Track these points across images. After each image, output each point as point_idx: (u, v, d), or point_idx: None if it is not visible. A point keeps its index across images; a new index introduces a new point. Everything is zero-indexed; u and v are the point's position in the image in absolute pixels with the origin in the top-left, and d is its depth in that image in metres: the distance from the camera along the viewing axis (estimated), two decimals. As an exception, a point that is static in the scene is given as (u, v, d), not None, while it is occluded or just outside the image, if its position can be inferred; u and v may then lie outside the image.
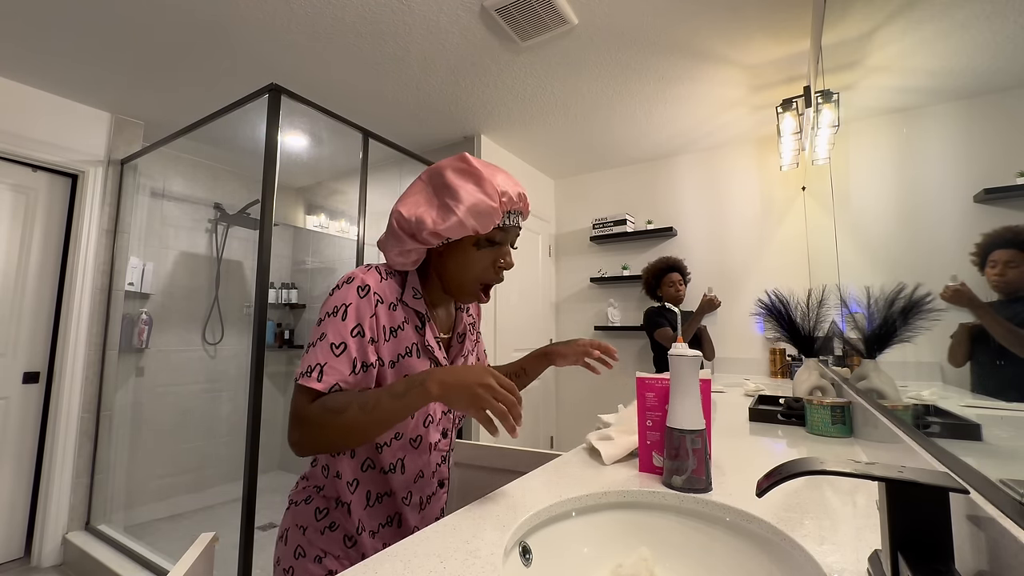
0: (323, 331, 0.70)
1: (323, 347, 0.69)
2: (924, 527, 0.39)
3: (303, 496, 0.80)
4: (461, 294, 0.81)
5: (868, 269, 1.15)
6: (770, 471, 0.44)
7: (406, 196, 0.79)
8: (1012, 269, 0.48)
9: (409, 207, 0.76)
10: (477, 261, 0.78)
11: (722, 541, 0.67)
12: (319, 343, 0.69)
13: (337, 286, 0.73)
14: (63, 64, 2.19)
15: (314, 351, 0.69)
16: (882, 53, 0.99)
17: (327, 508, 0.77)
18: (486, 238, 0.77)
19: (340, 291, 0.72)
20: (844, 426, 1.14)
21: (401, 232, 0.76)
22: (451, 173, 0.76)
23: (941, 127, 0.68)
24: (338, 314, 0.70)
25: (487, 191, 0.74)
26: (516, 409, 0.63)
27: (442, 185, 0.75)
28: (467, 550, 0.56)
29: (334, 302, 0.71)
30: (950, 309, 0.61)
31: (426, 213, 0.74)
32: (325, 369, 0.67)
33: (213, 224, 3.31)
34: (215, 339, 3.26)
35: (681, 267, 2.79)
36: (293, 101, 1.98)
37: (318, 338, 0.69)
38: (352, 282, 0.73)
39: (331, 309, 0.71)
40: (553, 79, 2.36)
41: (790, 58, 2.15)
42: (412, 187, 0.80)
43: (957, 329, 0.61)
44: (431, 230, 0.73)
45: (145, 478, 2.82)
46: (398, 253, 0.78)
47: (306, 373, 0.67)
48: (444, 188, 0.75)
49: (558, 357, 0.96)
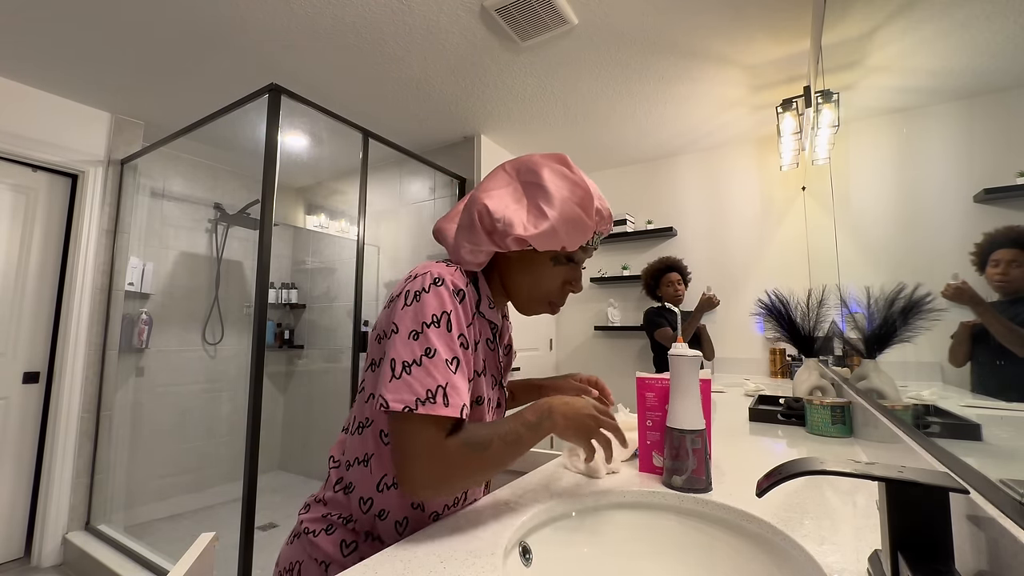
0: (429, 345, 0.58)
1: (438, 364, 0.57)
2: (924, 527, 0.39)
3: (323, 526, 0.67)
4: (528, 306, 0.74)
5: (868, 269, 1.15)
6: (770, 471, 0.44)
7: (489, 187, 0.69)
8: (1016, 269, 0.48)
9: (496, 202, 0.67)
10: (552, 277, 0.71)
11: (722, 541, 0.67)
12: (429, 360, 0.57)
13: (422, 288, 0.62)
14: (63, 64, 2.19)
15: (427, 371, 0.57)
16: (882, 53, 0.99)
17: (355, 541, 0.66)
18: (566, 255, 0.69)
19: (431, 295, 0.61)
20: (844, 426, 1.14)
21: (481, 228, 0.66)
22: (549, 174, 0.67)
23: (941, 127, 0.68)
24: (441, 324, 0.59)
25: (585, 205, 0.66)
26: (620, 434, 0.68)
27: (535, 185, 0.67)
28: (467, 550, 0.56)
29: (431, 309, 0.60)
30: (951, 309, 0.61)
31: (515, 214, 0.66)
32: (449, 391, 0.56)
33: (213, 224, 3.31)
34: (215, 339, 3.26)
35: (680, 267, 2.79)
36: (293, 101, 1.98)
37: (424, 353, 0.57)
38: (442, 284, 0.62)
39: (429, 318, 0.59)
40: (553, 79, 2.36)
41: (790, 58, 2.15)
42: (495, 178, 0.71)
43: (958, 328, 0.61)
44: (518, 235, 0.64)
45: (145, 478, 2.82)
46: (470, 251, 0.68)
47: (428, 399, 0.55)
48: (538, 189, 0.67)
49: (552, 391, 0.90)
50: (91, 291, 2.52)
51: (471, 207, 0.68)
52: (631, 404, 1.07)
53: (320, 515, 0.68)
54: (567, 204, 0.65)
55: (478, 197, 0.68)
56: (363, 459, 0.67)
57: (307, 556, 0.66)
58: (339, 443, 0.72)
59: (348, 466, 0.68)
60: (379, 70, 2.26)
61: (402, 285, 0.64)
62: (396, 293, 0.64)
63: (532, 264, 0.70)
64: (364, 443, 0.67)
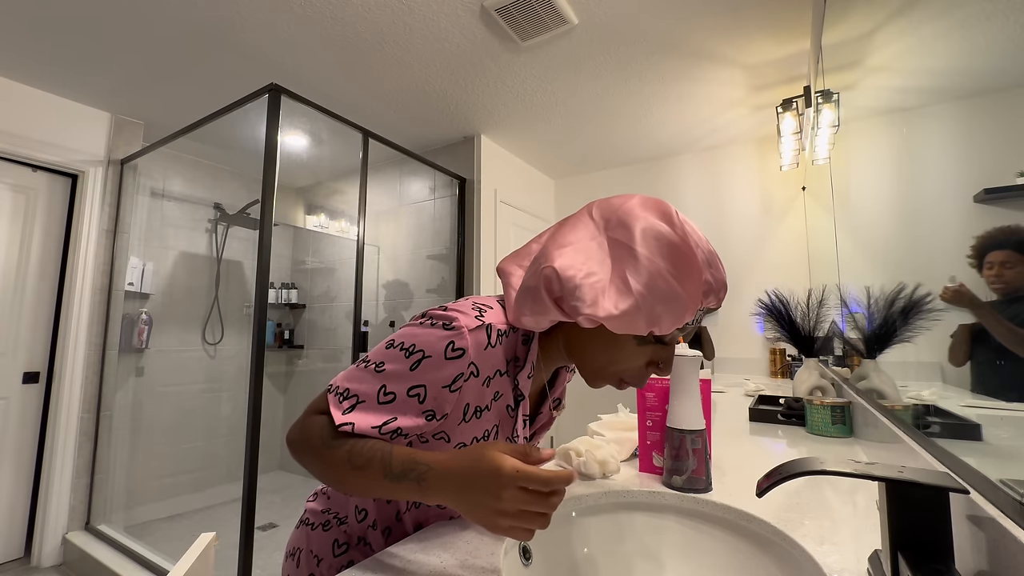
0: (384, 360, 0.54)
1: (374, 381, 0.53)
2: (924, 527, 0.39)
3: (321, 520, 0.69)
4: (596, 381, 0.61)
5: (868, 269, 1.15)
6: (770, 471, 0.44)
7: (566, 240, 0.56)
8: (1008, 269, 0.48)
9: (570, 261, 0.53)
10: (632, 357, 0.57)
11: (722, 541, 0.67)
12: (374, 372, 0.54)
13: (431, 317, 0.56)
14: (63, 64, 2.19)
15: (366, 376, 0.54)
16: (882, 53, 0.99)
17: (347, 543, 0.67)
18: (654, 336, 0.56)
19: (426, 330, 0.55)
20: (844, 426, 1.14)
21: (546, 295, 0.53)
22: (643, 234, 0.53)
23: (941, 127, 0.68)
24: (411, 357, 0.53)
25: (689, 287, 0.51)
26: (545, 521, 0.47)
27: (626, 248, 0.53)
28: (467, 550, 0.56)
29: (415, 338, 0.54)
30: (950, 309, 0.61)
31: (592, 285, 0.52)
32: (359, 407, 0.52)
33: (213, 224, 3.31)
34: (215, 339, 3.26)
35: None
36: (293, 101, 1.98)
37: (376, 365, 0.54)
38: (450, 331, 0.54)
39: (408, 344, 0.54)
40: (553, 79, 2.36)
41: (790, 58, 2.15)
42: (576, 227, 0.57)
43: (957, 329, 0.61)
44: (588, 315, 0.51)
45: (145, 478, 2.82)
46: (532, 320, 0.56)
47: (341, 394, 0.53)
48: (627, 252, 0.53)
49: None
50: (91, 291, 2.52)
51: (539, 264, 0.55)
52: (631, 404, 1.07)
53: (321, 508, 0.70)
54: (662, 279, 0.51)
55: (550, 252, 0.55)
56: None
57: (306, 548, 0.68)
58: None
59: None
60: (379, 70, 2.26)
61: (440, 309, 0.57)
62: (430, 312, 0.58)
63: (609, 337, 0.56)
64: None
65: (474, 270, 2.91)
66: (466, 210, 3.00)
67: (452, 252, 3.01)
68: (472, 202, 2.98)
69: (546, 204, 3.76)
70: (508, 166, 3.27)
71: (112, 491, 2.58)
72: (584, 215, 0.58)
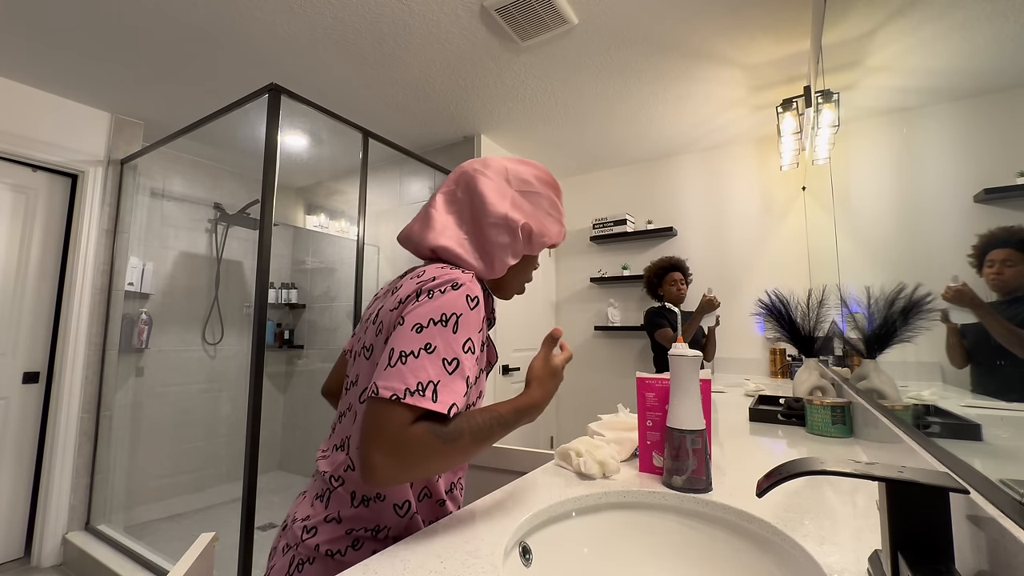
0: (430, 341, 0.58)
1: (434, 362, 0.57)
2: (924, 527, 0.39)
3: (346, 543, 0.63)
4: (510, 295, 0.83)
5: (868, 269, 1.15)
6: (770, 471, 0.44)
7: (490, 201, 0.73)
8: (1009, 268, 0.48)
9: (521, 215, 0.73)
10: (530, 269, 0.82)
11: (722, 541, 0.67)
12: (427, 355, 0.57)
13: (437, 289, 0.62)
14: (63, 64, 2.19)
15: (422, 364, 0.56)
16: (882, 53, 0.99)
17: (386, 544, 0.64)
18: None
19: (445, 296, 0.61)
20: (844, 426, 1.14)
21: (523, 241, 0.74)
22: (540, 184, 0.77)
23: (941, 127, 0.68)
24: (448, 324, 0.59)
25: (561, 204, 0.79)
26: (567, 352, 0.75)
27: (534, 194, 0.76)
28: (467, 550, 0.56)
29: (440, 308, 0.60)
30: (951, 309, 0.61)
31: (547, 227, 0.76)
32: (440, 389, 0.56)
33: (213, 224, 3.31)
34: (215, 339, 3.26)
35: (683, 267, 2.79)
36: (293, 101, 1.98)
37: (423, 348, 0.57)
38: (460, 288, 0.62)
39: (437, 316, 0.59)
40: (553, 79, 2.36)
41: (790, 58, 2.15)
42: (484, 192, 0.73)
43: (948, 330, 0.62)
44: (550, 242, 0.77)
45: (145, 478, 2.82)
46: (511, 263, 0.74)
47: (418, 391, 0.55)
48: (537, 196, 0.76)
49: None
50: (91, 291, 2.52)
51: (502, 224, 0.72)
52: (631, 404, 1.07)
53: (341, 533, 0.64)
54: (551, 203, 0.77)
55: (493, 212, 0.72)
56: None
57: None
58: (329, 459, 0.68)
59: (378, 497, 0.64)
60: (379, 70, 2.26)
61: (415, 285, 0.64)
62: (411, 291, 0.63)
63: (526, 262, 0.80)
64: None
65: (474, 270, 2.90)
66: (466, 210, 2.99)
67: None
68: (472, 202, 2.97)
69: (546, 204, 3.76)
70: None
71: (112, 491, 2.58)
72: (486, 180, 0.75)
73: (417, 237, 0.75)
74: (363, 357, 0.68)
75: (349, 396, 0.70)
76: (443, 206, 0.76)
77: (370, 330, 0.68)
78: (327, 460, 0.68)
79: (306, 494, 0.71)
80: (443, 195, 0.77)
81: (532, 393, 0.67)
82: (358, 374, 0.68)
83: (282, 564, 0.66)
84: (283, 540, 0.68)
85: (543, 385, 0.69)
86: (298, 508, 0.69)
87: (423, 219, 0.76)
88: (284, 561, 0.66)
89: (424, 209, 0.77)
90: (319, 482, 0.69)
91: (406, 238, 0.78)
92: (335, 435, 0.71)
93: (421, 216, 0.77)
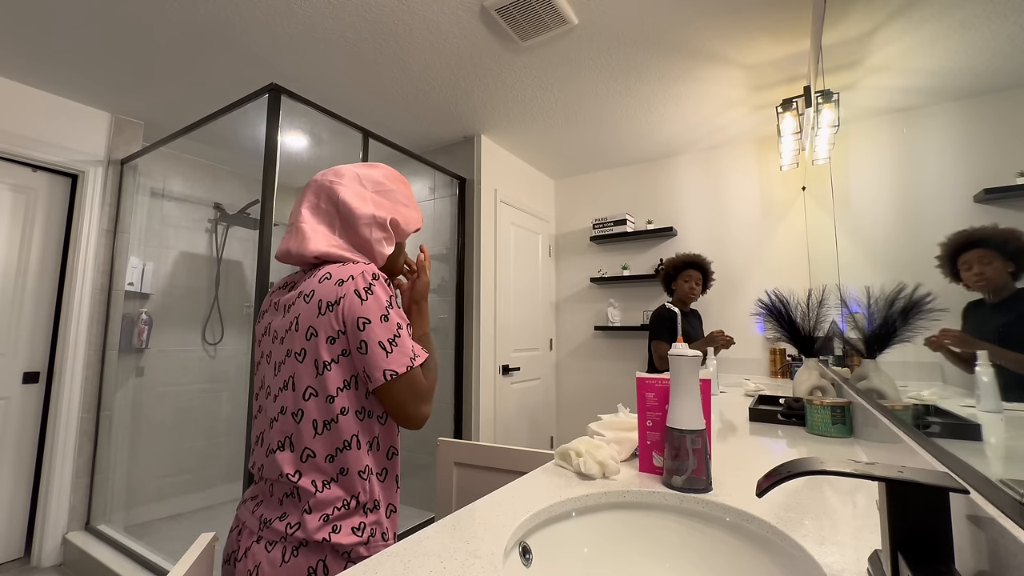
0: (397, 322, 0.77)
1: (405, 334, 0.77)
2: (924, 527, 0.39)
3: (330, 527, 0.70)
4: (392, 277, 0.96)
5: (868, 269, 1.15)
6: (770, 471, 0.44)
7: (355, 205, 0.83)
8: (987, 265, 0.48)
9: (387, 212, 0.85)
10: (401, 254, 0.95)
11: (722, 541, 0.67)
12: (402, 332, 0.77)
13: (367, 287, 0.76)
14: (63, 64, 2.19)
15: (404, 340, 0.76)
16: (882, 53, 0.99)
17: (377, 521, 0.75)
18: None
19: (377, 286, 0.77)
20: (844, 426, 1.14)
21: (393, 234, 0.87)
22: (391, 182, 0.89)
23: (941, 127, 0.68)
24: (393, 305, 0.78)
25: (411, 197, 0.92)
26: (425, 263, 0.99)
27: (389, 192, 0.88)
28: (467, 550, 0.56)
29: (380, 299, 0.76)
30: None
31: (408, 217, 0.89)
32: (414, 348, 0.78)
33: (213, 224, 3.31)
34: (215, 339, 3.26)
35: (706, 267, 2.64)
36: (293, 101, 1.98)
37: (395, 329, 0.76)
38: (379, 279, 0.78)
39: (386, 302, 0.77)
40: (553, 79, 2.36)
41: (790, 58, 2.15)
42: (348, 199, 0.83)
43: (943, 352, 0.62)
44: (413, 227, 0.90)
45: (145, 478, 2.82)
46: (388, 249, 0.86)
47: (414, 356, 0.76)
48: (392, 193, 0.88)
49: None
50: (91, 291, 2.52)
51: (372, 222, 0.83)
52: (631, 404, 1.07)
53: (356, 524, 0.72)
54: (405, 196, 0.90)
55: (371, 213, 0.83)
56: (349, 445, 0.72)
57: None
58: (287, 461, 0.72)
59: (342, 472, 0.72)
60: (379, 70, 2.26)
61: (337, 289, 0.74)
62: (339, 294, 0.74)
63: (398, 250, 0.92)
64: (338, 434, 0.72)
65: (474, 270, 2.91)
66: (466, 210, 3.00)
67: (452, 252, 3.01)
68: (472, 202, 2.98)
69: (546, 204, 3.76)
70: (508, 166, 3.27)
71: (112, 491, 2.58)
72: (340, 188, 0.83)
73: (298, 250, 0.81)
74: (295, 360, 0.74)
75: (283, 398, 0.74)
76: (311, 218, 0.83)
77: (295, 336, 0.75)
78: (281, 462, 0.72)
79: (260, 499, 0.76)
80: (307, 209, 0.83)
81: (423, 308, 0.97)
82: (291, 376, 0.74)
83: (274, 556, 0.69)
84: (262, 540, 0.71)
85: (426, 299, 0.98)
86: (264, 511, 0.73)
87: (296, 235, 0.82)
88: (276, 553, 0.69)
89: (294, 226, 0.83)
90: (283, 483, 0.72)
91: (286, 254, 0.83)
92: (270, 437, 0.75)
93: (293, 233, 0.83)
